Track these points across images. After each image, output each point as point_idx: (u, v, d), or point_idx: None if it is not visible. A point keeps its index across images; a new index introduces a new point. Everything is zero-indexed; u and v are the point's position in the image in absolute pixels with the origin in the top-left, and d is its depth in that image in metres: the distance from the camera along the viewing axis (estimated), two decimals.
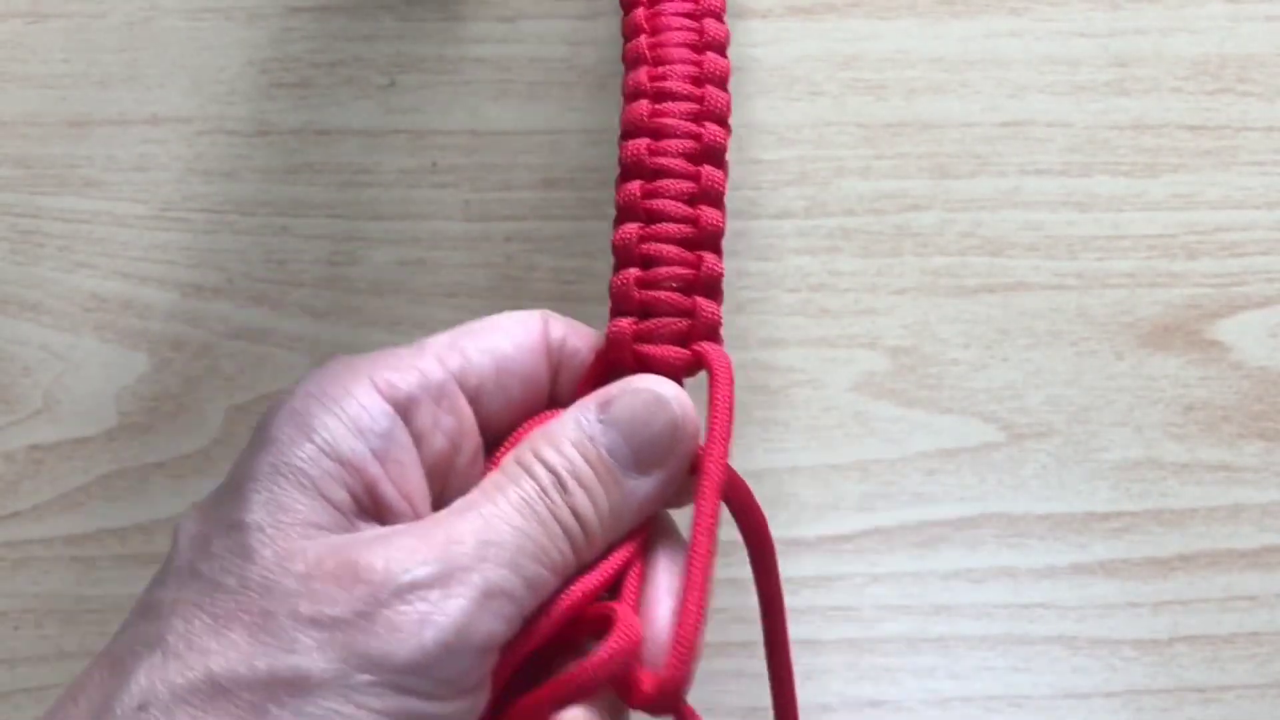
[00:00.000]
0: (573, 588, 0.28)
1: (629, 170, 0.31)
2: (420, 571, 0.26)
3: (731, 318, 0.41)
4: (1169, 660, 0.42)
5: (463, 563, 0.26)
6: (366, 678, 0.25)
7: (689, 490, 0.30)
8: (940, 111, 0.41)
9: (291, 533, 0.26)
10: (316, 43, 0.41)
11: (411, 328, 0.41)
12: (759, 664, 0.36)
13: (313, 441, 0.27)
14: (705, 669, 0.42)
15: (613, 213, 0.31)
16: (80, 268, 0.41)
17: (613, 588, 0.30)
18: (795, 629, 0.42)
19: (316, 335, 0.41)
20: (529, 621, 0.28)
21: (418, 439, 0.29)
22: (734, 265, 0.41)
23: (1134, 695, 0.42)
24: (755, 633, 0.35)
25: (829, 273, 0.42)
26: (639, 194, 0.31)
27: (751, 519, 0.31)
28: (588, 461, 0.29)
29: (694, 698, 0.34)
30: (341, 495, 0.27)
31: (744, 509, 0.31)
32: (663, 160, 0.31)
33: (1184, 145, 0.42)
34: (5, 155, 0.41)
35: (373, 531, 0.27)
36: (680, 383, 0.31)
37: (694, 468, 0.30)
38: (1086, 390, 0.42)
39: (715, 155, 0.31)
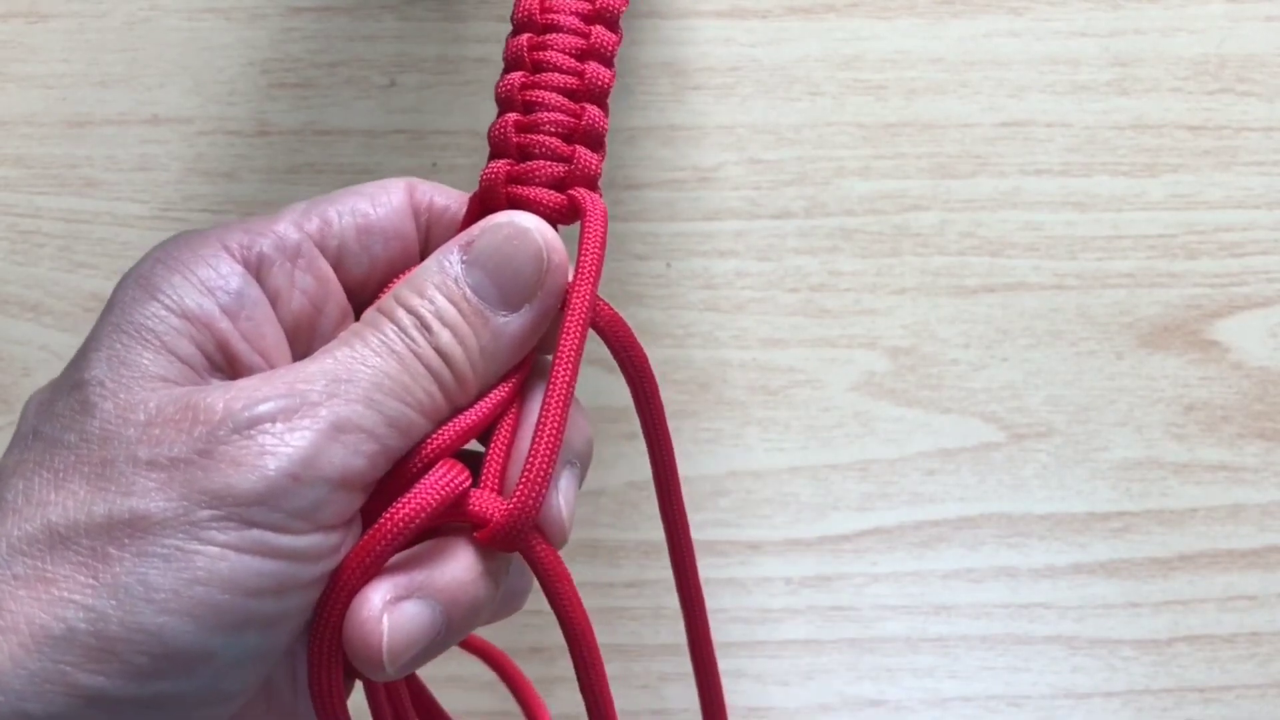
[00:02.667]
0: (443, 429, 0.28)
1: (520, 26, 0.31)
2: (262, 408, 0.25)
3: (732, 317, 0.42)
4: (1169, 660, 0.42)
5: (310, 399, 0.26)
6: (208, 513, 0.24)
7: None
8: (940, 111, 0.41)
9: (134, 385, 0.26)
10: (317, 43, 0.41)
11: None
12: (761, 664, 0.36)
13: (157, 300, 0.27)
14: None
15: (611, 212, 0.31)
16: (80, 268, 0.41)
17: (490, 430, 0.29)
18: (795, 629, 0.42)
19: None
20: (401, 464, 0.27)
21: (274, 298, 0.28)
22: (734, 265, 0.41)
23: (1134, 695, 0.42)
24: (756, 633, 0.35)
25: (829, 273, 0.42)
26: (526, 46, 0.31)
27: (628, 352, 0.31)
28: (451, 301, 0.28)
29: (694, 698, 0.34)
30: (189, 350, 0.27)
31: (620, 342, 0.31)
32: (554, 16, 0.31)
33: (1184, 145, 0.42)
34: (5, 155, 0.41)
35: (221, 383, 0.27)
36: (555, 229, 0.30)
37: (564, 305, 0.29)
38: (1086, 390, 0.42)
39: (609, 19, 0.31)
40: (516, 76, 0.30)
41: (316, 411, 0.25)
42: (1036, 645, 0.42)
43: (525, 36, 0.31)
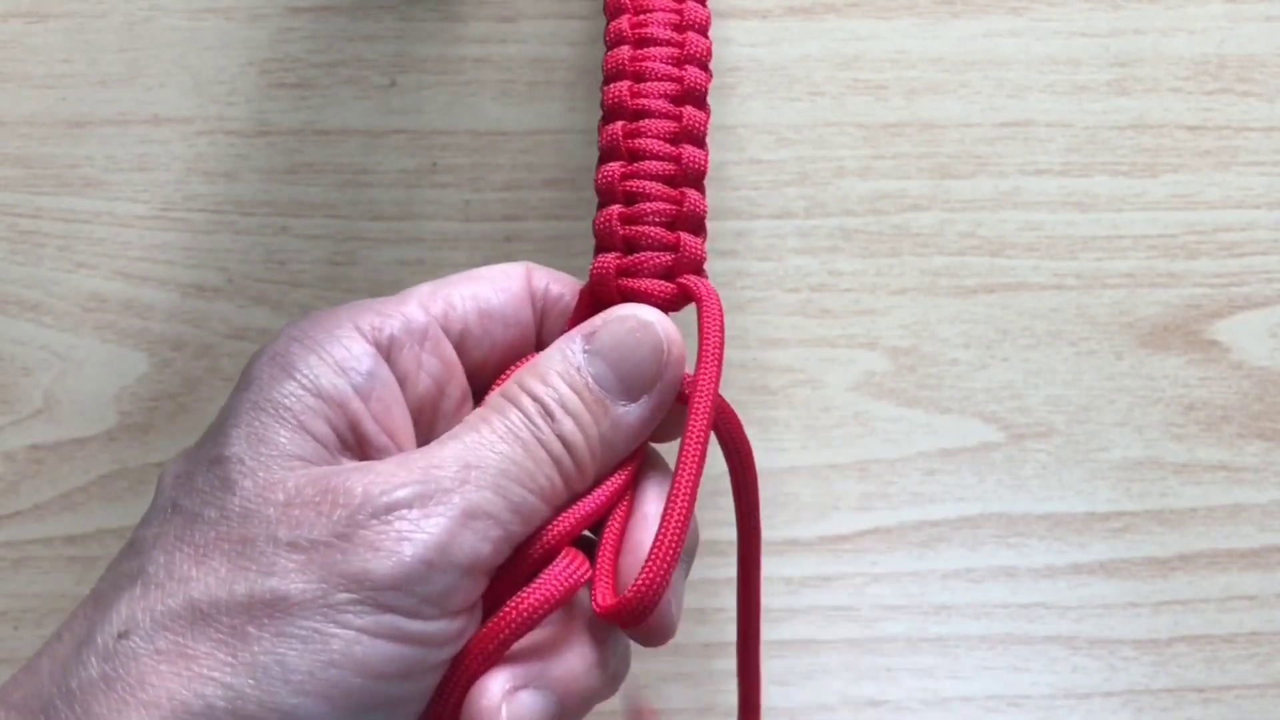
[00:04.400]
0: (563, 515, 0.28)
1: (611, 113, 0.31)
2: (400, 493, 0.26)
3: (731, 318, 0.42)
4: (1169, 660, 0.42)
5: (444, 485, 0.26)
6: (346, 596, 0.25)
7: (680, 422, 0.30)
8: (940, 111, 0.41)
9: (272, 464, 0.26)
10: (316, 43, 0.41)
11: None
12: (761, 664, 0.36)
13: (294, 379, 0.27)
14: (706, 669, 0.42)
15: None
16: (80, 268, 0.41)
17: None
18: (795, 629, 0.42)
19: None
20: (521, 549, 0.28)
21: (402, 380, 0.29)
22: (734, 265, 0.41)
23: (1134, 695, 0.42)
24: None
25: (829, 273, 0.42)
26: (621, 134, 0.31)
27: (736, 444, 0.32)
28: (574, 389, 0.29)
29: (694, 697, 0.34)
30: (324, 429, 0.27)
31: (732, 440, 0.31)
32: (645, 101, 0.31)
33: (1184, 145, 0.42)
34: (5, 155, 0.41)
35: (355, 464, 0.27)
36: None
37: (683, 398, 0.30)
38: (1086, 390, 0.42)
39: (697, 97, 0.32)
40: (615, 167, 0.31)
41: (450, 498, 0.26)
42: (1036, 645, 0.42)
43: (619, 124, 0.31)
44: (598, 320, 0.30)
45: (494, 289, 0.31)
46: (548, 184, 0.41)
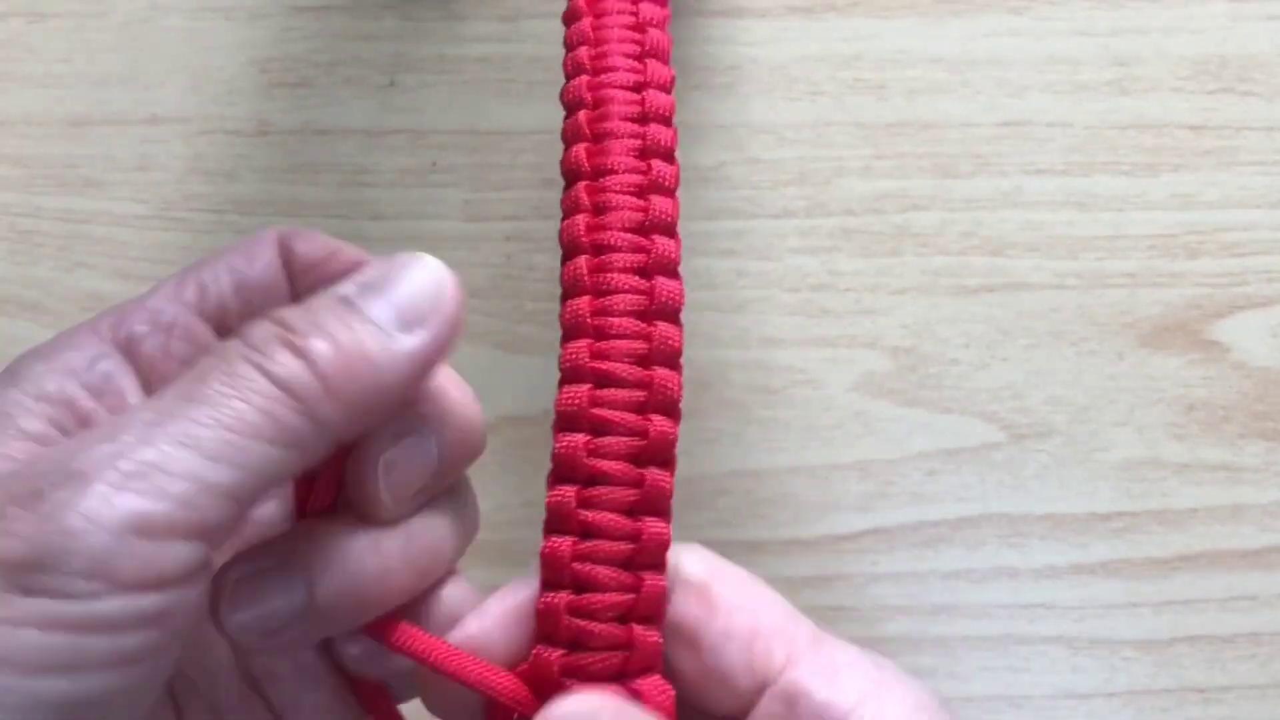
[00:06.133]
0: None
1: (566, 421, 0.27)
2: (41, 465, 0.23)
3: (732, 318, 0.42)
4: (1169, 660, 0.42)
5: (107, 452, 0.23)
6: None
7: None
8: (940, 111, 0.41)
9: None
10: (316, 43, 0.41)
11: None
12: None
13: (18, 387, 0.26)
14: None
15: None
16: (80, 268, 0.41)
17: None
18: None
19: None
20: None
21: (147, 371, 0.28)
22: (734, 265, 0.41)
23: (1134, 695, 0.42)
24: None
25: (829, 273, 0.42)
26: (583, 448, 0.27)
27: None
28: (325, 308, 0.26)
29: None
30: (38, 427, 0.26)
31: None
32: (610, 278, 0.27)
33: (1185, 145, 0.42)
34: (5, 155, 0.41)
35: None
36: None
37: None
38: (1087, 390, 0.42)
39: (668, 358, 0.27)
40: (567, 543, 0.27)
41: (115, 462, 0.23)
42: (1036, 645, 0.42)
43: (582, 437, 0.27)
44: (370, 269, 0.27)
45: (246, 259, 0.29)
46: (548, 184, 0.41)
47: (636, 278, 0.27)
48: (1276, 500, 0.42)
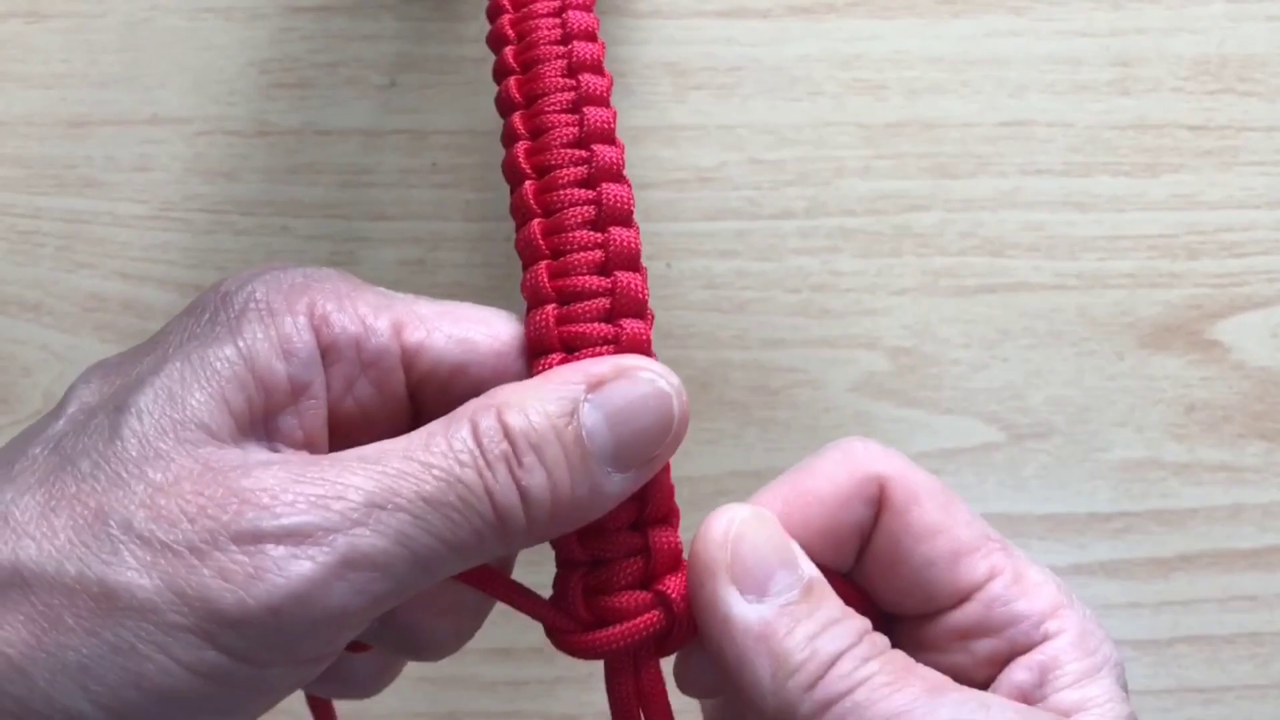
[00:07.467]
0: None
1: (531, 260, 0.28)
2: (272, 524, 0.23)
3: (732, 318, 0.42)
4: (1169, 660, 0.42)
5: (331, 520, 0.23)
6: (178, 619, 0.22)
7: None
8: (940, 111, 0.41)
9: (168, 432, 0.24)
10: (316, 43, 0.41)
11: None
12: None
13: (234, 344, 0.25)
14: None
15: None
16: (80, 268, 0.41)
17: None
18: None
19: None
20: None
21: (329, 388, 0.26)
22: (734, 265, 0.41)
23: (1134, 695, 0.42)
24: None
25: (829, 273, 0.42)
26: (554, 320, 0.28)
27: None
28: (559, 437, 0.24)
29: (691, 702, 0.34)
30: (241, 406, 0.25)
31: None
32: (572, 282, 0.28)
33: (1185, 145, 0.42)
34: (5, 155, 0.41)
35: (256, 455, 0.24)
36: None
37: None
38: (1087, 390, 0.42)
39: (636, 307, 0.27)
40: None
41: (332, 540, 0.23)
42: None
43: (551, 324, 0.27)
44: (605, 367, 0.26)
45: (487, 333, 0.27)
46: None
47: (583, 189, 0.27)
48: (1276, 500, 0.42)
